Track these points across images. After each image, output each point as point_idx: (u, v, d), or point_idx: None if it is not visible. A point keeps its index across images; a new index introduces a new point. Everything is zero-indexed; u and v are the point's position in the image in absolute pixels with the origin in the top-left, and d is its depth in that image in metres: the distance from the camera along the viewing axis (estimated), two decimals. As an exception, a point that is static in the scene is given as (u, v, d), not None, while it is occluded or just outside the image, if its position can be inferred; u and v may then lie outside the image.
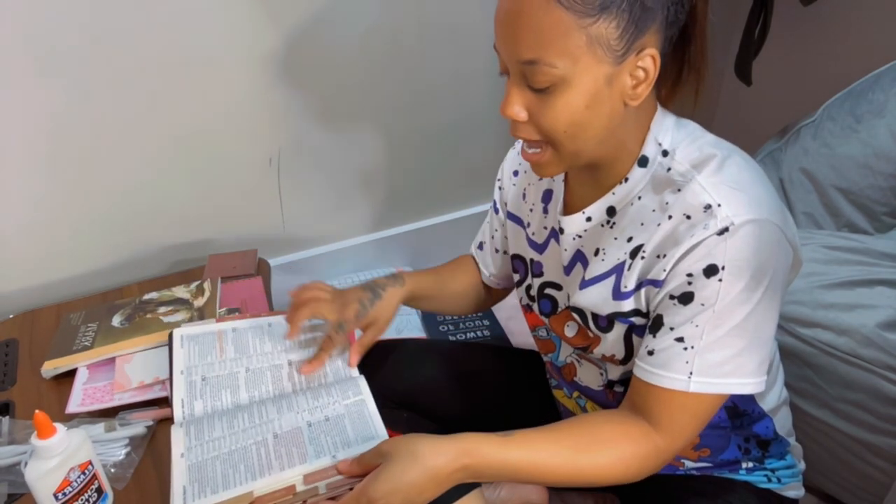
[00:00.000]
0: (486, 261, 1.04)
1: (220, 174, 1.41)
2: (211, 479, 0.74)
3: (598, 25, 0.62)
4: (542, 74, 0.64)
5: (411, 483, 0.65)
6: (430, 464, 0.65)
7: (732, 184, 0.67)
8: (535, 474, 0.69)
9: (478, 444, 0.67)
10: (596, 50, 0.63)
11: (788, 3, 1.45)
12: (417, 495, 0.65)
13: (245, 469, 0.75)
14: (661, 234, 0.70)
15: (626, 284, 0.74)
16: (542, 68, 0.64)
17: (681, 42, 0.70)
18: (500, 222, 0.98)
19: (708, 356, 0.67)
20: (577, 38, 0.62)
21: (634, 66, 0.65)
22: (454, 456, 0.66)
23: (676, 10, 0.66)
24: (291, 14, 1.32)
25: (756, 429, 0.84)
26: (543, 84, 0.65)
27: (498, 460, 0.67)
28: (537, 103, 0.67)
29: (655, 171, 0.72)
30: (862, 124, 1.28)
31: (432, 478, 0.65)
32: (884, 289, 1.08)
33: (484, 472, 0.68)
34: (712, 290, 0.66)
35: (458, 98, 1.61)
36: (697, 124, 0.76)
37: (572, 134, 0.67)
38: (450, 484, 0.67)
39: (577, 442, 0.70)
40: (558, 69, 0.63)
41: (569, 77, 0.64)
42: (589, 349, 0.81)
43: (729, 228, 0.65)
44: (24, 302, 1.29)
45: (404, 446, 0.67)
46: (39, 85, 1.16)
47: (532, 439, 0.69)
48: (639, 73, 0.66)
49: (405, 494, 0.65)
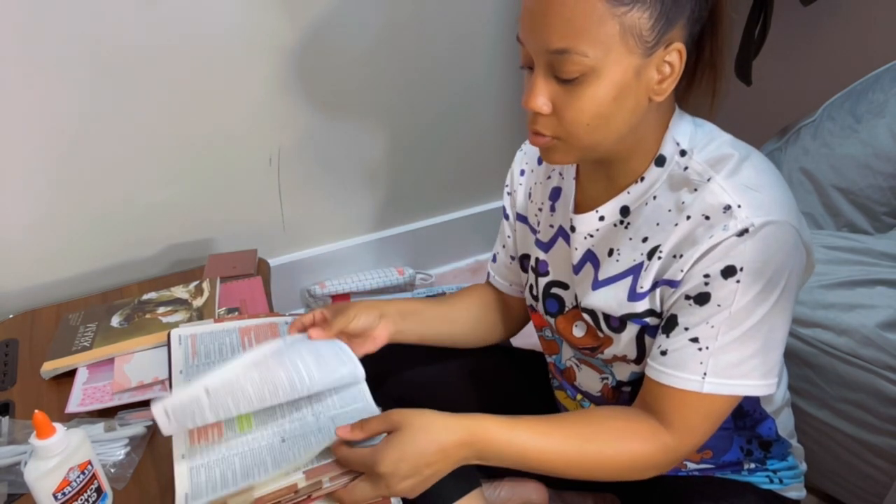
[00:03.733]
0: (501, 272, 1.00)
1: (220, 174, 1.41)
2: (212, 482, 0.74)
3: (632, 14, 0.61)
4: (572, 64, 0.63)
5: (420, 453, 0.66)
6: (439, 437, 0.66)
7: (751, 185, 0.67)
8: (541, 460, 0.69)
9: (486, 424, 0.68)
10: (628, 40, 0.62)
11: (788, 3, 1.45)
12: (425, 466, 0.66)
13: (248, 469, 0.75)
14: (679, 234, 0.69)
15: (641, 285, 0.74)
16: (572, 57, 0.63)
17: (699, 41, 0.69)
18: (511, 228, 0.97)
19: (722, 357, 0.67)
20: (611, 26, 0.61)
21: (661, 60, 0.65)
22: (462, 431, 0.67)
23: (700, 7, 0.65)
24: (292, 15, 1.32)
25: (759, 430, 0.84)
26: (573, 74, 0.64)
27: (504, 441, 0.68)
28: (563, 95, 0.66)
29: (672, 170, 0.72)
30: (862, 124, 1.28)
31: (440, 450, 0.66)
32: (884, 289, 1.08)
33: (489, 452, 0.68)
34: (729, 291, 0.66)
35: (458, 99, 1.61)
36: (715, 125, 0.76)
37: (594, 126, 0.66)
38: (456, 459, 0.68)
39: (585, 431, 0.70)
40: (589, 58, 0.62)
41: (599, 67, 0.63)
42: (599, 350, 0.81)
43: (749, 230, 0.64)
44: (24, 302, 1.29)
45: (416, 418, 0.68)
46: (39, 85, 1.16)
47: (540, 425, 0.70)
48: (665, 67, 0.65)
49: (413, 463, 0.66)
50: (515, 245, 0.96)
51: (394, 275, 1.70)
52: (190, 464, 0.77)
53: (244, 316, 1.07)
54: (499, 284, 1.01)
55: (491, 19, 1.54)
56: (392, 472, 0.66)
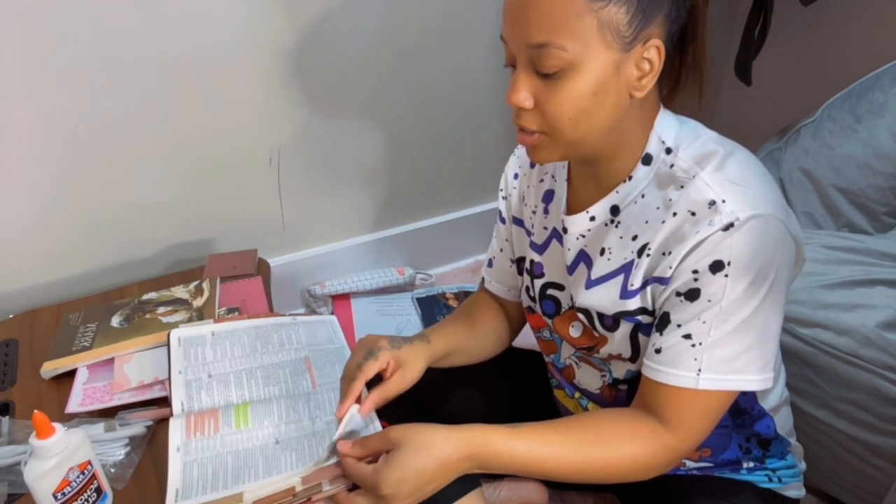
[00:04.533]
0: (500, 276, 1.00)
1: (220, 174, 1.41)
2: (203, 479, 0.74)
3: (609, 9, 0.62)
4: (551, 58, 0.64)
5: (421, 471, 0.66)
6: (439, 453, 0.66)
7: (736, 180, 0.67)
8: (542, 467, 0.69)
9: (486, 435, 0.68)
10: (606, 34, 0.63)
11: (788, 3, 1.45)
12: (427, 483, 0.66)
13: (239, 470, 0.75)
14: (666, 231, 0.70)
15: (632, 283, 0.74)
16: (552, 51, 0.63)
17: (681, 42, 0.70)
18: (507, 232, 0.97)
19: (716, 352, 0.68)
20: (589, 20, 0.62)
21: (640, 56, 0.66)
22: (463, 445, 0.67)
23: (678, 7, 0.66)
24: (292, 16, 1.32)
25: (757, 428, 0.84)
26: (552, 69, 0.64)
27: (506, 451, 0.68)
28: (544, 90, 0.66)
29: (659, 168, 0.73)
30: (862, 124, 1.28)
31: (441, 466, 0.66)
32: (884, 289, 1.08)
33: (491, 463, 0.68)
34: (718, 286, 0.66)
35: (458, 99, 1.61)
36: (699, 122, 0.76)
37: (576, 121, 0.67)
38: (457, 473, 0.68)
39: (586, 436, 0.70)
40: (568, 52, 0.63)
41: (578, 61, 0.64)
42: (595, 349, 0.81)
43: (734, 224, 0.65)
44: (24, 302, 1.29)
45: (414, 435, 0.67)
46: (40, 85, 1.16)
47: (540, 432, 0.70)
48: (644, 64, 0.66)
49: (415, 482, 0.66)
50: (513, 248, 0.97)
51: (394, 275, 1.71)
52: (184, 458, 0.77)
53: (244, 316, 1.07)
54: (496, 290, 1.01)
55: (491, 19, 1.54)
56: (394, 494, 0.66)
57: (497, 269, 1.00)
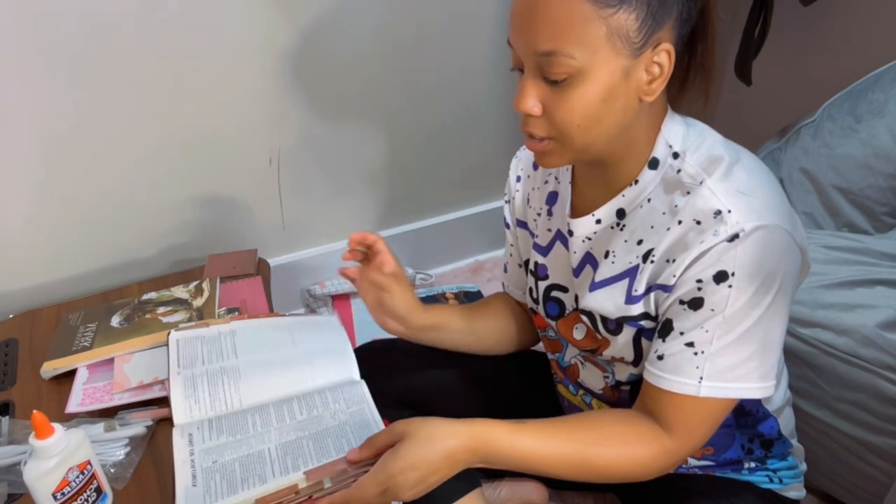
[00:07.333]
0: (514, 280, 1.01)
1: (220, 174, 1.41)
2: (212, 488, 0.74)
3: (618, 16, 0.61)
4: (559, 66, 0.63)
5: (427, 461, 0.66)
6: (445, 444, 0.67)
7: (742, 188, 0.67)
8: (545, 464, 0.70)
9: (490, 429, 0.69)
10: (615, 42, 0.62)
11: (788, 3, 1.45)
12: (431, 474, 0.67)
13: (247, 476, 0.75)
14: (671, 238, 0.70)
15: (636, 288, 0.74)
16: (559, 59, 0.63)
17: (690, 43, 0.70)
18: (513, 236, 0.97)
19: (718, 361, 0.68)
20: (597, 28, 0.62)
21: (650, 60, 0.65)
22: (467, 438, 0.68)
23: (689, 8, 0.66)
24: (292, 16, 1.32)
25: (761, 428, 0.84)
26: (560, 76, 0.64)
27: (509, 446, 0.68)
28: (552, 97, 0.66)
29: (666, 173, 0.72)
30: (862, 124, 1.28)
31: (446, 458, 0.67)
32: (884, 289, 1.08)
33: (494, 457, 0.69)
34: (722, 296, 0.66)
35: (458, 98, 1.61)
36: (706, 125, 0.76)
37: (585, 128, 0.67)
38: (462, 465, 0.69)
39: (588, 435, 0.71)
40: (576, 60, 0.63)
41: (586, 69, 0.63)
42: (598, 351, 0.81)
43: (739, 235, 0.65)
44: (24, 302, 1.29)
45: (421, 428, 0.68)
46: (39, 85, 1.16)
47: (544, 428, 0.70)
48: (654, 68, 0.66)
49: (421, 472, 0.66)
50: (519, 252, 0.97)
51: (394, 275, 1.70)
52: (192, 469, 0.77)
53: (244, 316, 1.07)
54: (513, 294, 1.02)
55: (493, 19, 1.54)
56: (401, 482, 0.66)
57: (511, 274, 1.01)
